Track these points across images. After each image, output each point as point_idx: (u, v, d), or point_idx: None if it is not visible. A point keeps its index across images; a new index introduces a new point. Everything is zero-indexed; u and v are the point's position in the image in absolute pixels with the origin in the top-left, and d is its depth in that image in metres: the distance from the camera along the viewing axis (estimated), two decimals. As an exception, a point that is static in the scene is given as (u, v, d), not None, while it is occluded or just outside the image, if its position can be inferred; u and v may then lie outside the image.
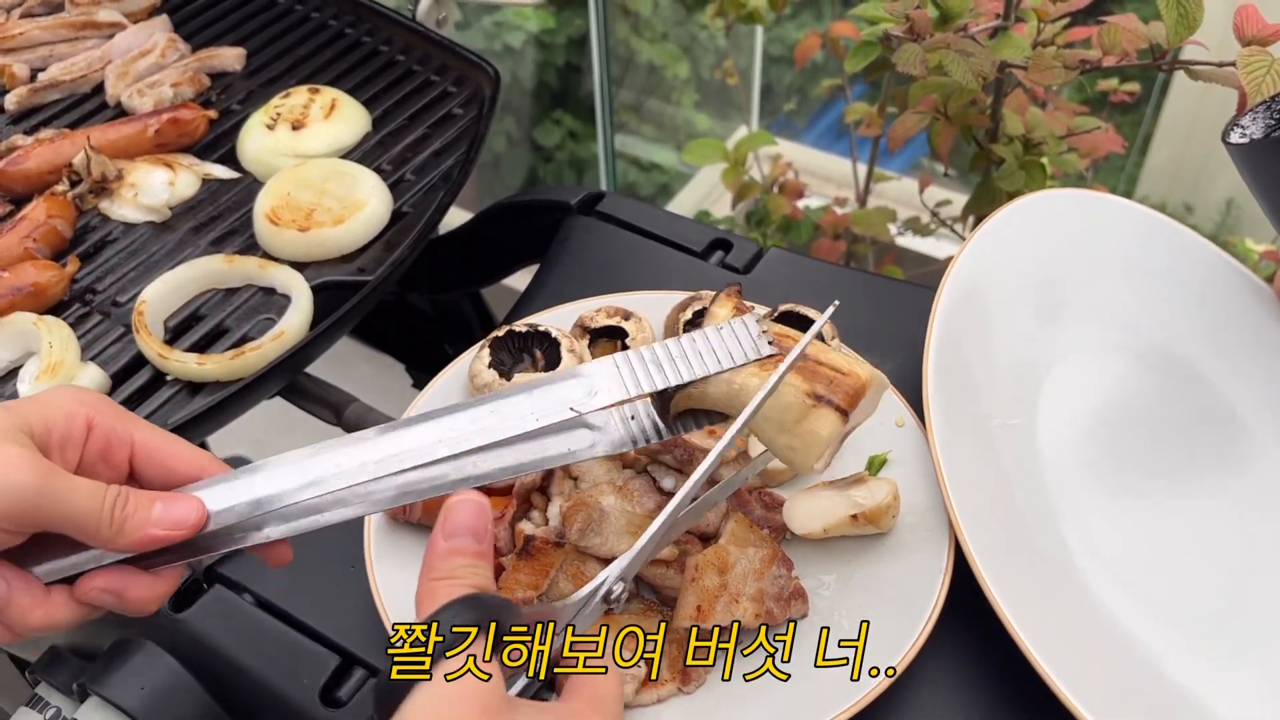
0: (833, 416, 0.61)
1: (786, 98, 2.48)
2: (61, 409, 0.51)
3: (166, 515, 0.51)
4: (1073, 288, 0.79)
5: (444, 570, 0.50)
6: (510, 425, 0.57)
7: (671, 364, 0.60)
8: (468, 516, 0.51)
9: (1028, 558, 0.68)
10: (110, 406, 0.53)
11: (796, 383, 0.61)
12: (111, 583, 0.52)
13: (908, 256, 1.74)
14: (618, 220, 0.95)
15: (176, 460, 0.54)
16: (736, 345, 0.61)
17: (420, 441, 0.56)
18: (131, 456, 0.53)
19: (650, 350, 0.61)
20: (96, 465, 0.53)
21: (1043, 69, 0.89)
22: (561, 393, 0.59)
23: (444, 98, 1.02)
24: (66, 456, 0.51)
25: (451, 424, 0.57)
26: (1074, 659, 0.62)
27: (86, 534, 0.50)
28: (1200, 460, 0.75)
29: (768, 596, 0.65)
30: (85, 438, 0.52)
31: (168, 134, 0.94)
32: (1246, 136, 0.71)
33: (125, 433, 0.53)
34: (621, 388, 0.59)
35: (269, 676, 0.68)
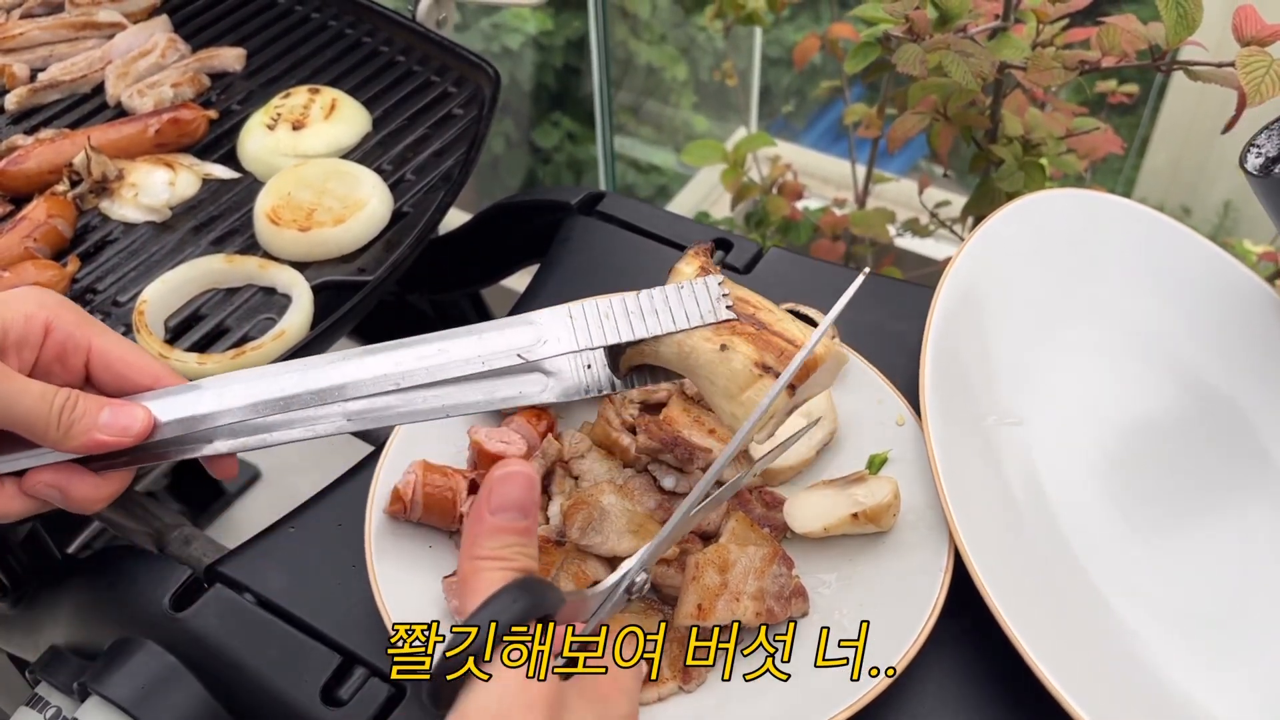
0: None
1: (785, 100, 2.48)
2: (20, 311, 0.52)
3: (113, 421, 0.52)
4: (1073, 288, 0.80)
5: (490, 549, 0.48)
6: (456, 366, 0.57)
7: (626, 318, 0.59)
8: (516, 490, 0.48)
9: (1025, 558, 0.68)
10: (71, 310, 0.54)
11: (747, 351, 0.59)
12: (58, 479, 0.53)
13: (907, 258, 1.74)
14: (618, 220, 0.95)
15: (132, 368, 0.55)
16: (694, 306, 0.59)
17: (366, 374, 0.57)
18: (88, 361, 0.54)
19: (606, 302, 0.60)
20: (52, 367, 0.54)
21: (1042, 69, 0.89)
22: (511, 338, 0.58)
23: (444, 98, 1.02)
24: (22, 357, 0.52)
25: (398, 359, 0.57)
26: (1070, 659, 0.62)
27: (34, 434, 0.51)
28: (1201, 460, 0.75)
29: (768, 595, 0.66)
30: (43, 340, 0.53)
31: (168, 134, 0.94)
32: (1262, 156, 0.70)
33: (83, 337, 0.54)
34: (572, 338, 0.59)
35: (270, 675, 0.68)
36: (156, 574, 0.73)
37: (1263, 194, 0.70)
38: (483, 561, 0.47)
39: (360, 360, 0.57)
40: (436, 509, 0.70)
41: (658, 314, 0.59)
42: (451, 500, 0.70)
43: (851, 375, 0.79)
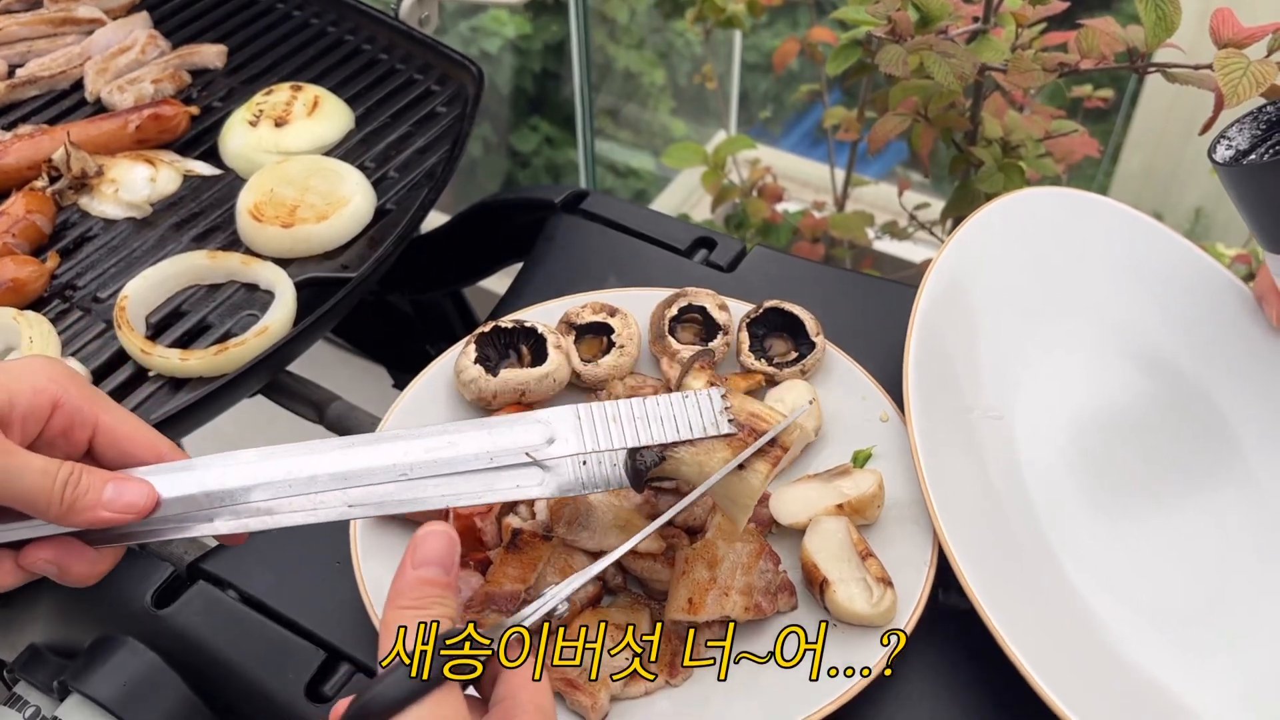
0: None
1: (762, 105, 2.49)
2: (30, 384, 0.52)
3: (117, 499, 0.52)
4: (1053, 284, 0.80)
5: (413, 599, 0.50)
6: (464, 461, 0.58)
7: (632, 423, 0.61)
8: (437, 547, 0.51)
9: (1006, 551, 0.68)
10: (78, 385, 0.54)
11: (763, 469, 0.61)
12: (56, 556, 0.53)
13: (885, 261, 1.75)
14: (602, 218, 0.95)
15: (137, 445, 0.55)
16: (698, 417, 0.61)
17: (374, 463, 0.57)
18: (93, 436, 0.54)
19: (614, 406, 0.61)
20: (56, 441, 0.54)
21: (1022, 71, 0.90)
22: (520, 436, 0.59)
23: (427, 96, 1.02)
24: (26, 430, 0.52)
25: (406, 449, 0.58)
26: (1051, 650, 0.63)
27: (36, 510, 0.51)
28: (1177, 453, 0.76)
29: (756, 590, 0.66)
30: (49, 414, 0.53)
31: (149, 130, 0.94)
32: (1233, 148, 0.71)
33: (90, 414, 0.54)
34: (579, 440, 0.60)
35: (254, 672, 0.68)
36: (138, 571, 0.73)
37: (1230, 185, 0.71)
38: (404, 610, 0.50)
39: (369, 448, 0.57)
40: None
41: (663, 421, 0.61)
42: (437, 496, 0.70)
43: (835, 372, 0.79)
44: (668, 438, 0.61)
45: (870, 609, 0.64)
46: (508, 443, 0.59)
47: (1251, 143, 0.71)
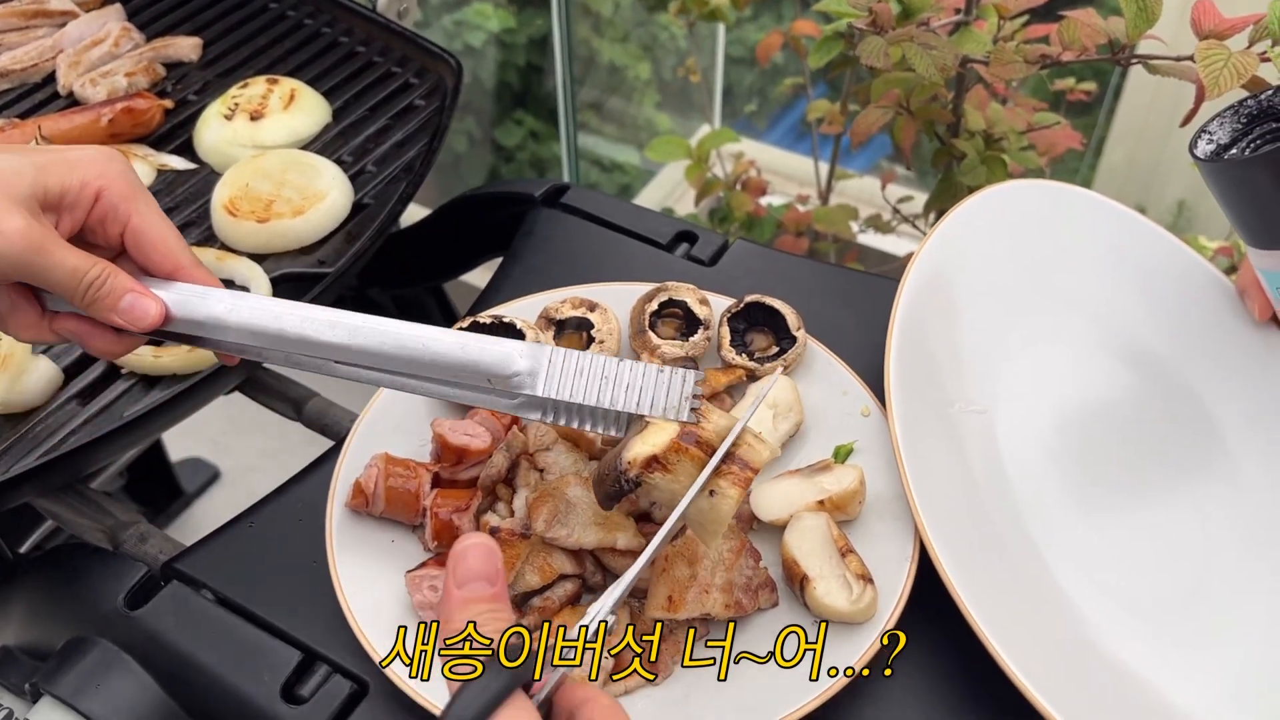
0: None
1: (747, 99, 2.49)
2: (79, 177, 0.57)
3: (130, 308, 0.58)
4: (1036, 277, 0.80)
5: (461, 623, 0.48)
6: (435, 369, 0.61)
7: (598, 382, 0.61)
8: (477, 562, 0.50)
9: (988, 546, 0.68)
10: (121, 182, 0.59)
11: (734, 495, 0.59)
12: (80, 328, 0.60)
13: (869, 254, 1.75)
14: (582, 212, 0.94)
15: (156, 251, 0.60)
16: (664, 396, 0.60)
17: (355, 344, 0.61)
18: (123, 233, 0.59)
19: (588, 359, 0.61)
20: (96, 230, 0.60)
21: (1004, 63, 0.90)
22: (489, 361, 0.61)
23: (405, 89, 1.01)
24: (74, 217, 0.58)
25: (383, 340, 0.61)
26: (1033, 646, 0.62)
27: (65, 298, 0.58)
28: (1161, 449, 0.76)
29: (737, 588, 0.65)
30: (91, 206, 0.58)
31: (122, 124, 0.93)
32: (1214, 142, 0.71)
33: (124, 213, 0.59)
34: (543, 384, 0.61)
35: (228, 674, 0.67)
36: (111, 572, 0.72)
37: (1212, 181, 0.70)
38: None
39: (354, 329, 0.61)
40: (399, 502, 0.69)
41: (628, 389, 0.60)
42: (414, 494, 0.69)
43: (817, 367, 0.78)
44: (626, 407, 0.60)
45: (850, 606, 0.64)
46: (477, 359, 0.61)
47: (1233, 136, 0.71)
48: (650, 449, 0.59)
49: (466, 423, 0.73)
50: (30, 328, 0.60)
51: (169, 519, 1.86)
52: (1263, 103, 0.70)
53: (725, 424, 0.61)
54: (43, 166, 0.57)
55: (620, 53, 2.47)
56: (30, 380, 0.75)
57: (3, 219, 0.55)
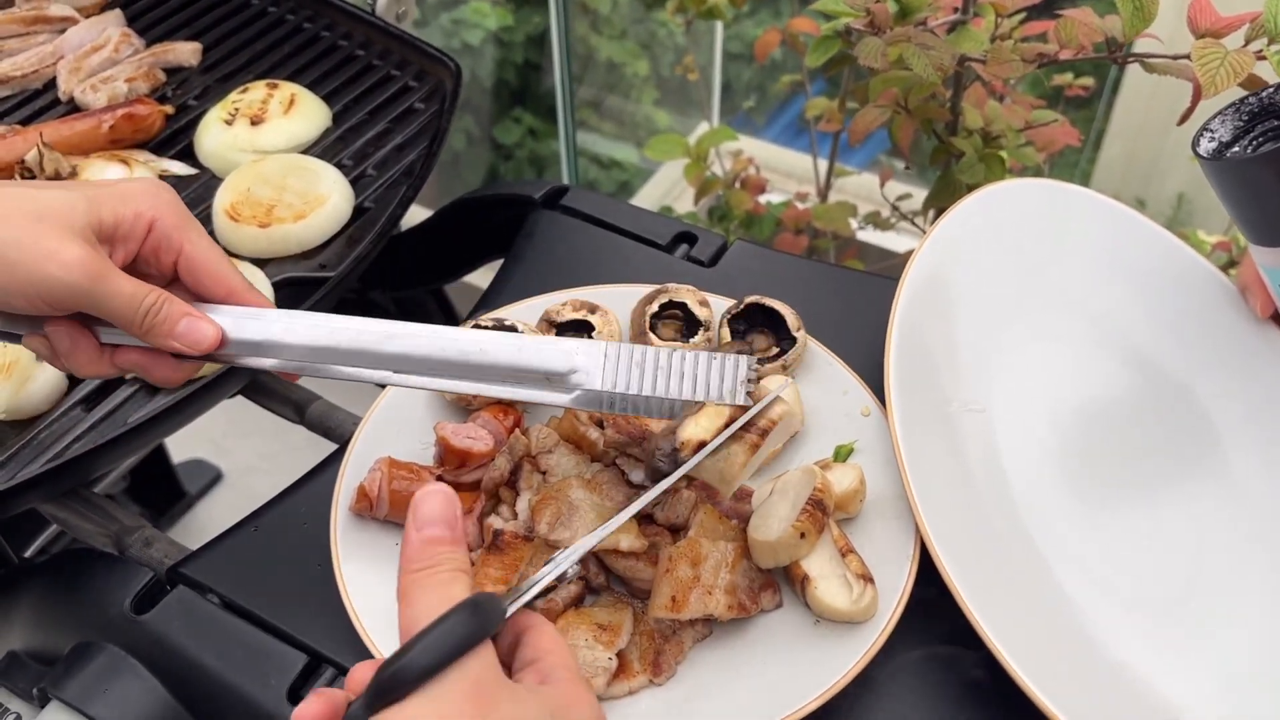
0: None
1: (745, 95, 2.49)
2: (134, 208, 0.59)
3: (187, 333, 0.60)
4: (1035, 276, 0.80)
5: (424, 560, 0.51)
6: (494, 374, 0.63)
7: (654, 373, 0.63)
8: (437, 506, 0.52)
9: (988, 545, 0.68)
10: (172, 212, 0.60)
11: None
12: (143, 361, 0.62)
13: (869, 251, 1.75)
14: (582, 214, 0.94)
15: (210, 278, 0.62)
16: (719, 382, 0.63)
17: (415, 352, 0.62)
18: (176, 262, 0.61)
19: (643, 352, 0.63)
20: (149, 260, 0.61)
21: (1001, 62, 0.90)
22: (547, 360, 0.63)
23: (405, 92, 1.01)
24: (127, 249, 0.60)
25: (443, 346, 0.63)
26: (1031, 642, 0.63)
27: (122, 328, 0.60)
28: (1159, 447, 0.76)
29: (740, 589, 0.66)
30: (144, 237, 0.60)
31: (123, 130, 0.93)
32: (1216, 140, 0.71)
33: (176, 242, 0.60)
34: (600, 378, 0.63)
35: (235, 678, 0.67)
36: (117, 576, 0.72)
37: (1214, 179, 0.70)
38: (419, 573, 0.51)
39: (410, 339, 0.63)
40: (402, 506, 0.70)
41: (683, 378, 0.63)
42: (418, 497, 0.70)
43: (816, 367, 0.79)
44: (683, 395, 0.63)
45: (851, 605, 0.64)
46: (534, 362, 0.63)
47: (1234, 134, 0.71)
48: (702, 433, 0.62)
49: (469, 426, 0.74)
50: (92, 363, 0.61)
51: (171, 521, 1.86)
52: (1264, 100, 0.71)
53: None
54: (95, 199, 0.58)
55: (618, 50, 2.47)
56: (35, 387, 0.76)
57: (62, 248, 0.56)
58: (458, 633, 0.47)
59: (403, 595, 0.51)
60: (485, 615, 0.48)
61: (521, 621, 0.52)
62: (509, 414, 0.75)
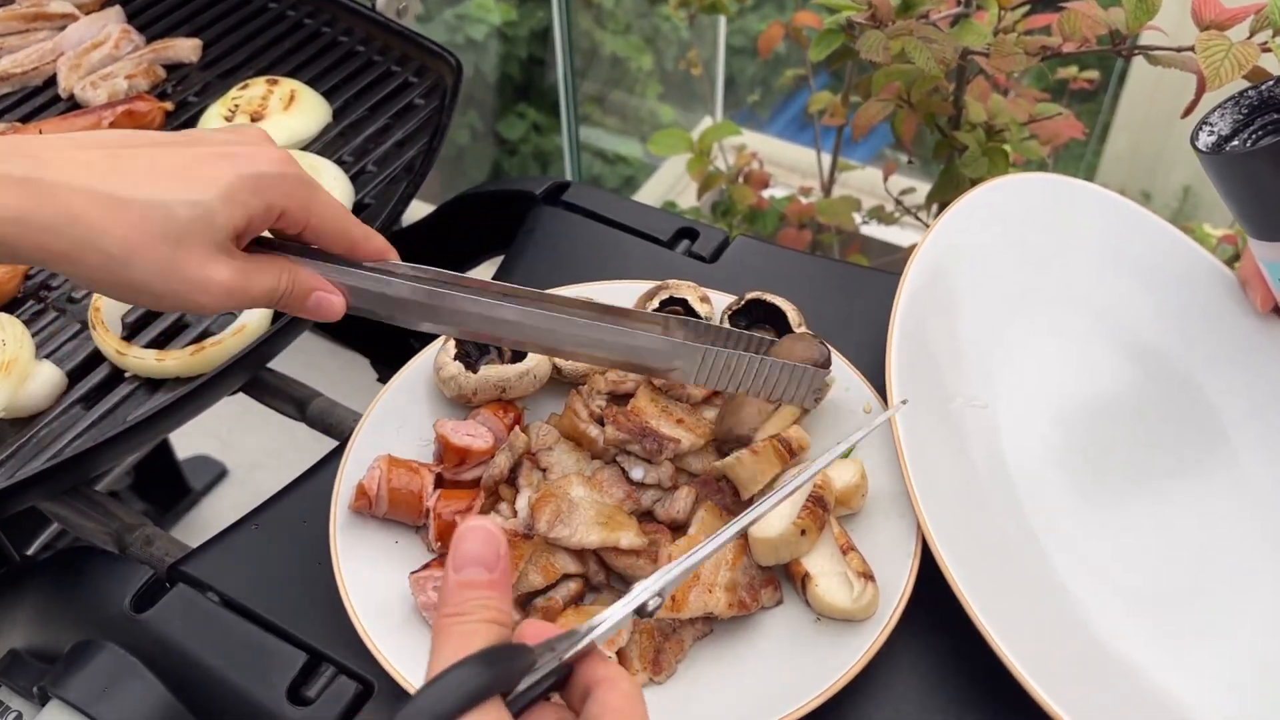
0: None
1: (750, 89, 2.48)
2: (264, 202, 0.59)
3: (316, 307, 0.64)
4: (1038, 271, 0.80)
5: (454, 605, 0.47)
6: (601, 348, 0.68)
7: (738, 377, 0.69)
8: (475, 545, 0.48)
9: (991, 542, 0.68)
10: (299, 194, 0.61)
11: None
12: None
13: (873, 245, 1.75)
14: (583, 210, 0.94)
15: (333, 243, 0.64)
16: (794, 390, 0.70)
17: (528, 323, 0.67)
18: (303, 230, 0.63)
19: (734, 358, 0.68)
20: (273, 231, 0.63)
21: (1004, 55, 0.90)
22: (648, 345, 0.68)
23: (405, 88, 1.01)
24: (255, 231, 0.61)
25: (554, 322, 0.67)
26: (1036, 642, 0.62)
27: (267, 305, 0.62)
28: (1163, 442, 0.76)
29: (740, 586, 0.65)
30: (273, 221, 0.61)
31: (123, 126, 0.93)
32: (1215, 134, 0.71)
33: (301, 220, 0.62)
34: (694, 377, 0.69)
35: (235, 676, 0.67)
36: (117, 575, 0.72)
37: (1213, 172, 0.70)
38: (449, 620, 0.47)
39: (526, 308, 0.67)
40: (402, 504, 0.70)
41: (764, 382, 0.69)
42: (417, 495, 0.70)
43: (819, 363, 0.78)
44: (763, 396, 0.70)
45: (851, 604, 0.64)
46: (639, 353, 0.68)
47: (1234, 127, 0.70)
48: (775, 429, 0.71)
49: (469, 423, 0.73)
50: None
51: (176, 517, 1.87)
52: (1264, 93, 0.70)
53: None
54: (229, 198, 0.57)
55: (623, 44, 2.46)
56: (34, 385, 0.76)
57: (207, 277, 0.57)
58: (458, 689, 0.42)
59: (435, 637, 0.47)
60: (498, 669, 0.44)
61: (592, 673, 0.46)
62: (509, 411, 0.74)
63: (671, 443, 0.71)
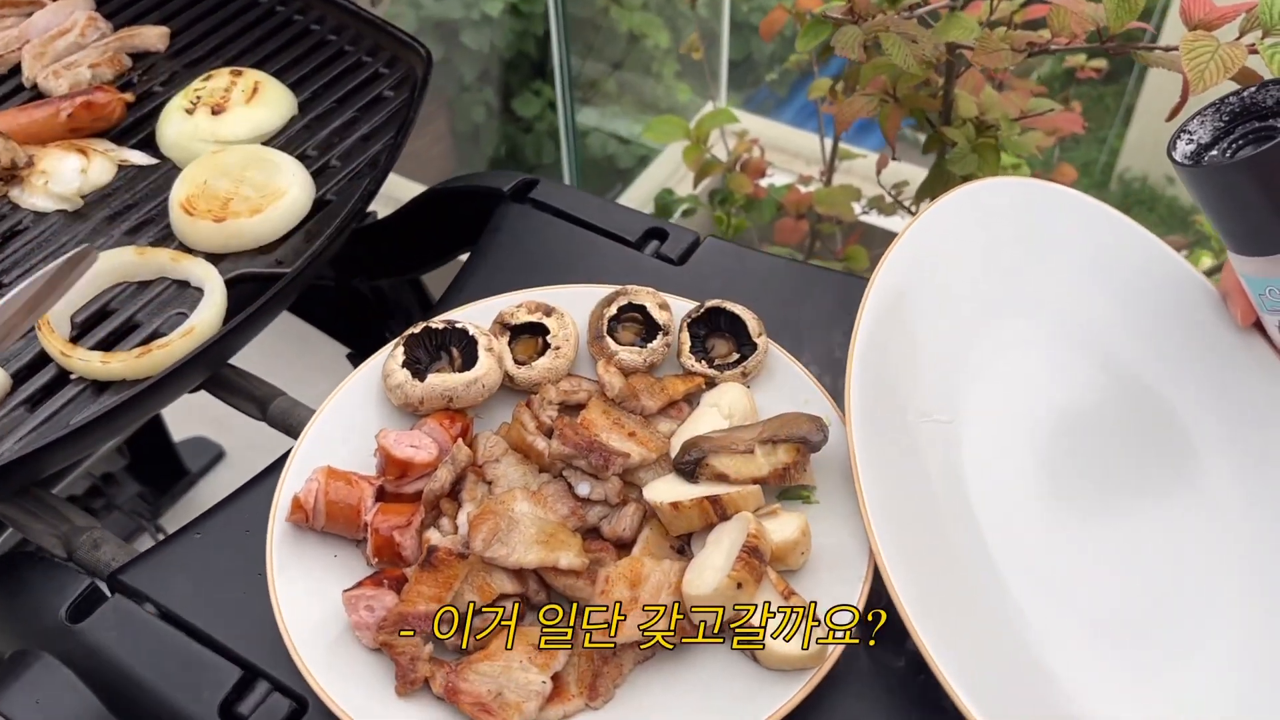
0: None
1: (768, 67, 2.44)
2: None
3: None
4: (1011, 279, 0.76)
5: None
6: None
7: None
8: None
9: (946, 564, 0.65)
10: None
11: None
12: None
13: (875, 235, 1.71)
14: (551, 208, 0.91)
15: None
16: None
17: None
18: None
19: None
20: None
21: (989, 51, 0.86)
22: None
23: (375, 79, 0.98)
24: None
25: None
26: (983, 669, 0.60)
27: None
28: (1131, 459, 0.73)
29: (685, 610, 0.63)
30: None
31: (82, 118, 0.91)
32: (1194, 142, 0.67)
33: None
34: None
35: (167, 690, 0.66)
36: (55, 583, 0.71)
37: (1191, 184, 0.66)
38: None
39: None
40: (340, 517, 0.68)
41: None
42: (355, 508, 0.68)
43: (778, 374, 0.76)
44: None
45: (802, 651, 0.61)
46: None
47: (1214, 135, 0.67)
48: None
49: (414, 434, 0.71)
50: None
51: (173, 499, 1.86)
52: (1245, 100, 0.66)
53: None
54: None
55: (638, 21, 2.42)
56: (-23, 387, 0.74)
57: None
58: None
59: None
60: None
61: None
62: (456, 421, 0.72)
63: (620, 457, 0.69)
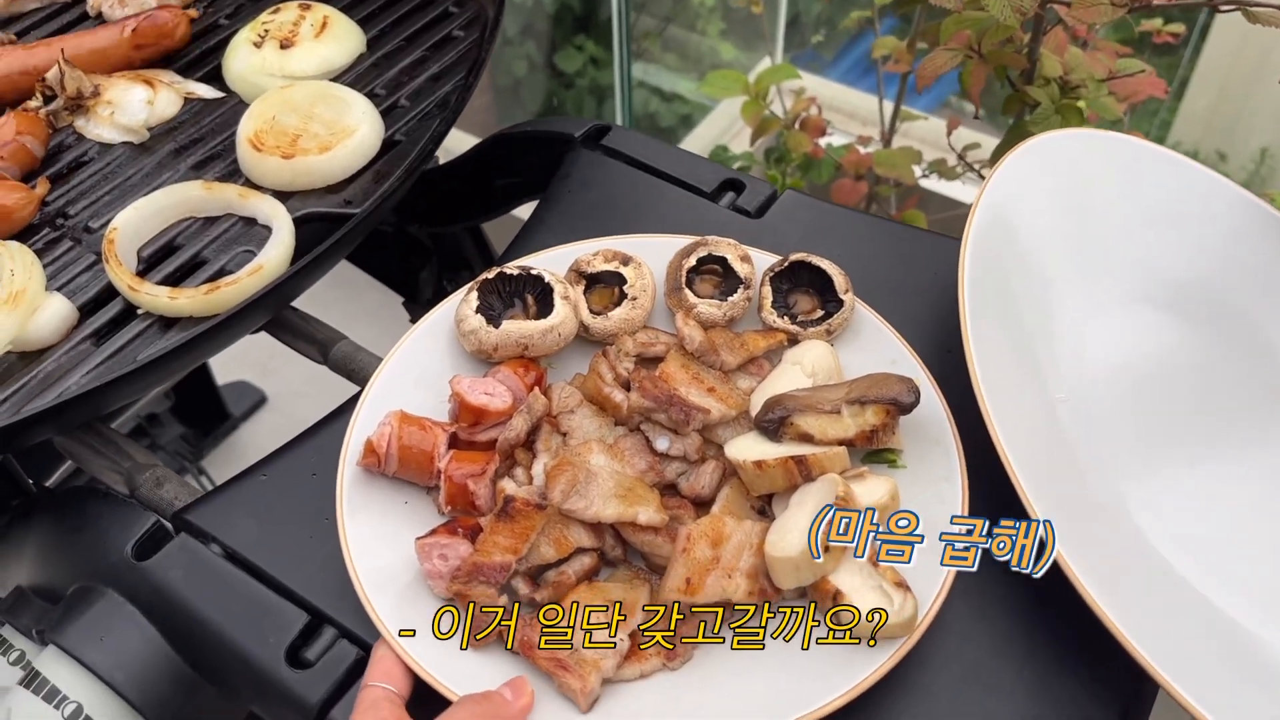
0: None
1: (815, 29, 2.39)
2: None
3: None
4: (1102, 235, 0.74)
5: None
6: None
7: None
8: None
9: (1086, 511, 0.64)
10: None
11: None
12: None
13: (932, 200, 1.67)
14: (624, 156, 0.89)
15: None
16: None
17: None
18: None
19: None
20: None
21: (1088, 6, 0.83)
22: None
23: (444, 18, 0.96)
24: None
25: None
26: (1137, 604, 0.60)
27: None
28: (1252, 412, 0.71)
29: (763, 573, 0.61)
30: None
31: (146, 35, 0.88)
32: None
33: None
34: None
35: (233, 633, 0.65)
36: (121, 520, 0.70)
37: None
38: None
39: None
40: (413, 463, 0.66)
41: None
42: (429, 454, 0.66)
43: (865, 333, 0.73)
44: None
45: (893, 619, 0.59)
46: None
47: None
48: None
49: (488, 380, 0.69)
50: None
51: (215, 442, 1.86)
52: None
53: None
54: None
55: (689, -25, 2.38)
56: (43, 318, 0.73)
57: None
58: None
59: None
60: None
61: None
62: (530, 369, 0.70)
63: (700, 413, 0.67)
